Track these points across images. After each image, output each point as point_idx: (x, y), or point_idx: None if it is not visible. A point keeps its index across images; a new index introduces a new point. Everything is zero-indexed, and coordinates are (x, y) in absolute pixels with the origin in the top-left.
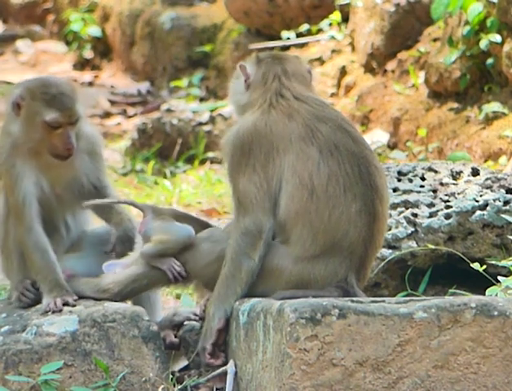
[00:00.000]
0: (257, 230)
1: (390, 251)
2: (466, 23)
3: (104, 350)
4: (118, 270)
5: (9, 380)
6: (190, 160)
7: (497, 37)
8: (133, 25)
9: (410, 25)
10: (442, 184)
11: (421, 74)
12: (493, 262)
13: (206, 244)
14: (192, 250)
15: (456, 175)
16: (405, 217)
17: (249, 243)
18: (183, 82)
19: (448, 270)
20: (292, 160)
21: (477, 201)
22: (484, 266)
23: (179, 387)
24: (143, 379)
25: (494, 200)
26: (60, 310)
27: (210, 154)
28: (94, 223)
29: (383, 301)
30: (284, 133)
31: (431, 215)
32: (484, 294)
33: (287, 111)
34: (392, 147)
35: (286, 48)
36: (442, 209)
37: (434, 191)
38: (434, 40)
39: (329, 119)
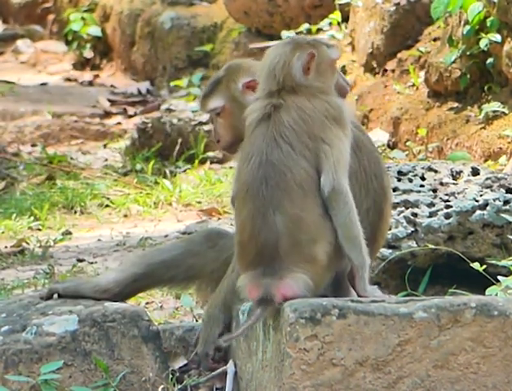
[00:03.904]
0: None
1: (390, 251)
2: (466, 22)
3: (104, 350)
4: None
5: (9, 379)
6: (190, 160)
7: (497, 37)
8: (133, 25)
9: (410, 25)
10: (442, 184)
11: (421, 74)
12: (493, 262)
13: (211, 253)
14: (196, 256)
15: (456, 175)
16: (405, 217)
17: None
18: (183, 82)
19: (448, 269)
20: None
21: (477, 201)
22: (484, 266)
23: (179, 387)
24: (143, 378)
25: (494, 200)
26: None
27: (210, 154)
28: None
29: (383, 301)
30: None
31: (431, 215)
32: (484, 294)
33: None
34: (392, 146)
35: None
36: (442, 209)
37: (434, 191)
38: (435, 39)
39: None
